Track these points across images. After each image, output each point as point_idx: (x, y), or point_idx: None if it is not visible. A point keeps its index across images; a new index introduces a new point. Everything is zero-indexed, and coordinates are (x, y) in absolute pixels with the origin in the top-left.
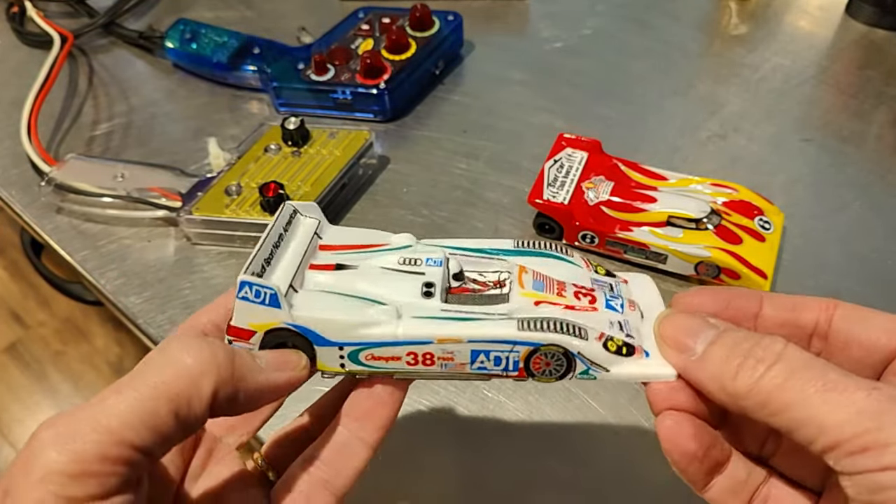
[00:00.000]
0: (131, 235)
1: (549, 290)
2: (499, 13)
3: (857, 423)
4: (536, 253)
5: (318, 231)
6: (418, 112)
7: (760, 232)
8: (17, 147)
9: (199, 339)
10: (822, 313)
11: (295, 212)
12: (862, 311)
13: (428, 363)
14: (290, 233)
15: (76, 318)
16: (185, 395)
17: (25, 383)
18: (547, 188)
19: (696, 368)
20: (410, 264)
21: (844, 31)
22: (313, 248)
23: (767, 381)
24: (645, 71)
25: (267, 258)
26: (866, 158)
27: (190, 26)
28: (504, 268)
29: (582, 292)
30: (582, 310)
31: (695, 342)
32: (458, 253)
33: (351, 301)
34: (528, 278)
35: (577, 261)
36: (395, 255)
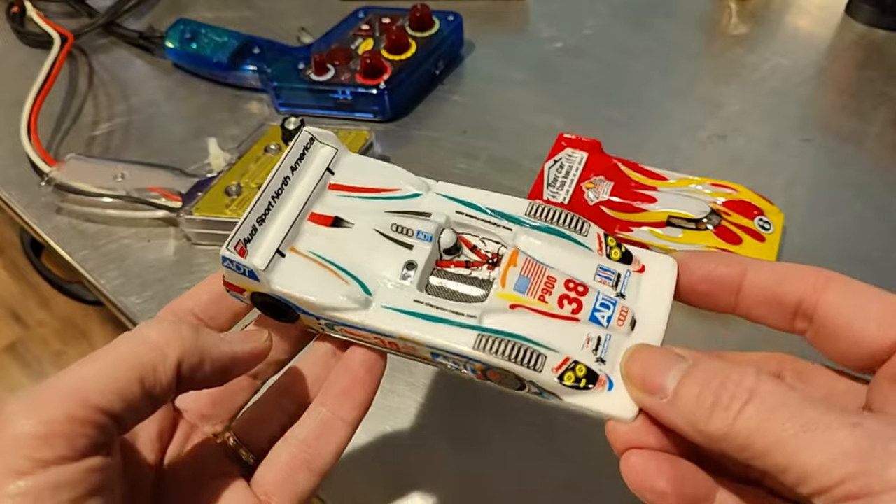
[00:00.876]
0: (131, 235)
1: (532, 293)
2: (499, 13)
3: (841, 466)
4: (545, 228)
5: (331, 165)
6: (418, 112)
7: (760, 232)
8: (17, 147)
9: (164, 319)
10: (809, 290)
11: (312, 140)
12: (855, 292)
13: (394, 347)
14: (300, 170)
15: (76, 318)
16: (150, 364)
17: (25, 383)
18: (547, 188)
19: (667, 411)
20: (402, 233)
21: (844, 31)
22: (321, 189)
23: (743, 424)
24: (645, 71)
25: (262, 215)
26: (866, 158)
27: (190, 26)
28: (507, 239)
29: (569, 296)
30: (560, 319)
31: (664, 380)
32: (465, 211)
33: (329, 278)
34: (515, 273)
35: (591, 240)
36: (393, 215)
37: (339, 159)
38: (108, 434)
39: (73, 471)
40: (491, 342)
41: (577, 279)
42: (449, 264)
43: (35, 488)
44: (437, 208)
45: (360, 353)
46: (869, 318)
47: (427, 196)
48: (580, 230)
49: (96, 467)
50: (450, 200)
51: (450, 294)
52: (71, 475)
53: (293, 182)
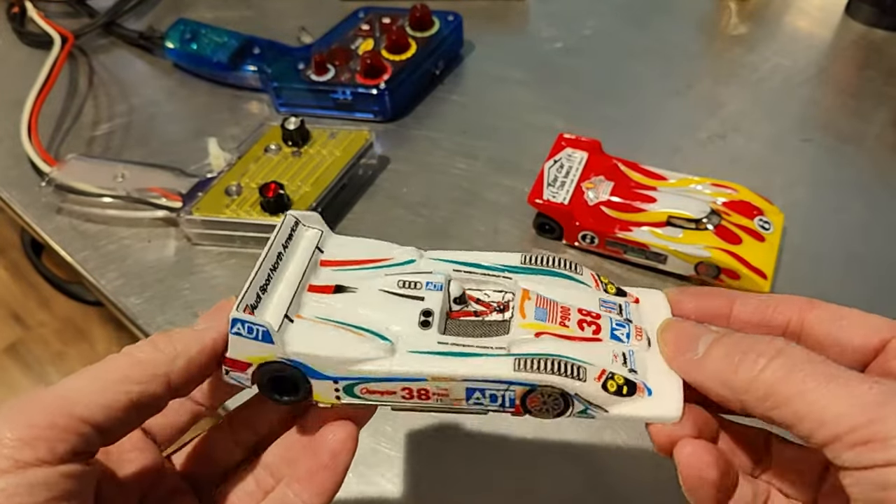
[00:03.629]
0: (131, 236)
1: (552, 319)
2: (499, 13)
3: (858, 414)
4: (543, 271)
5: (319, 244)
6: (418, 112)
7: (760, 232)
8: (17, 147)
9: (152, 341)
10: (795, 314)
11: (297, 223)
12: (837, 311)
13: (424, 398)
14: (290, 249)
15: (76, 318)
16: (136, 378)
17: (26, 383)
18: (547, 188)
19: (697, 368)
20: (410, 287)
21: (844, 32)
22: (314, 265)
23: (769, 375)
24: (645, 71)
25: (263, 285)
26: (866, 158)
27: (190, 26)
28: (509, 287)
29: (587, 320)
30: (585, 340)
31: (696, 344)
32: (463, 269)
33: (346, 335)
34: (531, 305)
35: (586, 278)
36: (395, 276)
37: (325, 239)
38: (90, 443)
39: (51, 473)
40: (531, 362)
41: (588, 308)
42: (459, 314)
43: (12, 486)
44: (435, 268)
45: (331, 432)
46: (853, 329)
47: (421, 261)
48: (575, 270)
49: (74, 473)
50: (445, 262)
51: (471, 330)
52: (48, 477)
53: (286, 258)
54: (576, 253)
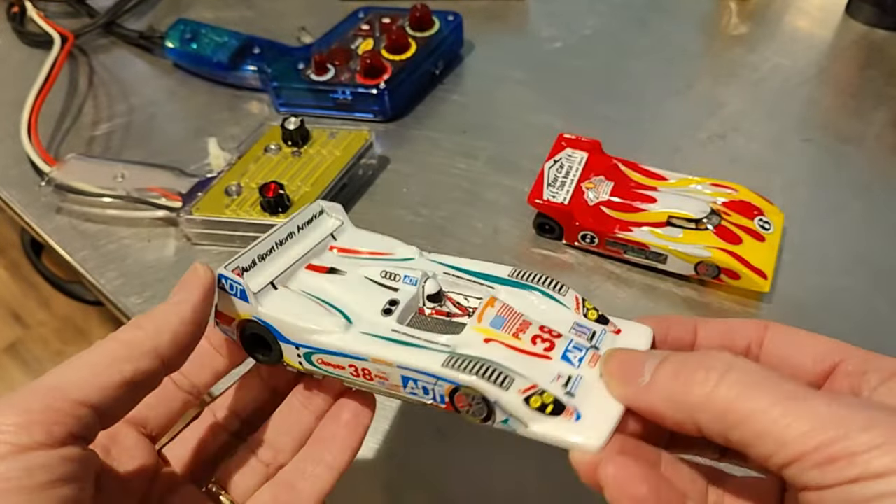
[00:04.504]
0: (131, 235)
1: (507, 329)
2: (499, 13)
3: (821, 432)
4: (526, 286)
5: (335, 232)
6: (418, 112)
7: (760, 232)
8: (17, 147)
9: (137, 319)
10: (754, 336)
11: (321, 211)
12: (791, 333)
13: (367, 377)
14: (305, 231)
15: (76, 317)
16: (126, 357)
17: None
18: (547, 188)
19: (646, 393)
20: (390, 279)
21: (844, 32)
22: (322, 248)
23: (724, 391)
24: (645, 71)
25: (263, 254)
26: (866, 158)
27: (190, 26)
28: (487, 294)
29: (543, 337)
30: (531, 355)
31: (641, 370)
32: (452, 273)
33: (313, 307)
34: (492, 312)
35: (568, 300)
36: (384, 266)
37: (343, 230)
38: (88, 426)
39: (50, 456)
40: (460, 362)
41: (552, 327)
42: (433, 312)
43: (11, 469)
44: (426, 267)
45: (348, 404)
46: (804, 352)
47: (419, 260)
48: (559, 291)
49: (73, 457)
50: (438, 264)
51: (427, 326)
52: (47, 460)
53: (297, 238)
54: (576, 253)
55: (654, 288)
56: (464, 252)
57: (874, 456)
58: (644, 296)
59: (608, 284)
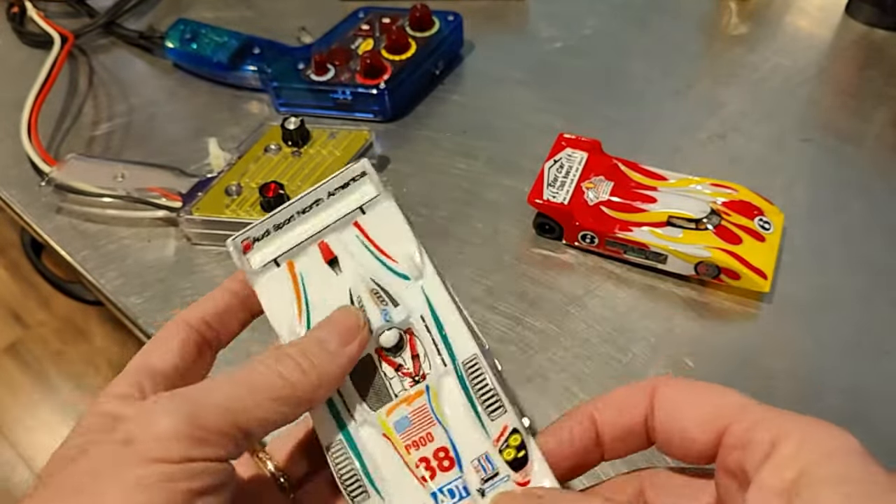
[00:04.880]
0: (131, 235)
1: (406, 437)
2: (499, 13)
3: None
4: (466, 388)
5: (366, 205)
6: (418, 112)
7: (760, 232)
8: (17, 147)
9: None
10: (645, 406)
11: (363, 174)
12: (679, 394)
13: None
14: (336, 197)
15: (76, 317)
16: (288, 401)
17: (26, 383)
18: (547, 188)
19: None
20: (372, 301)
21: (844, 31)
22: (345, 223)
23: None
24: (645, 71)
25: (280, 223)
26: (866, 158)
27: (190, 26)
28: (434, 373)
29: (431, 463)
30: (412, 475)
31: None
32: (427, 321)
33: (293, 304)
34: (405, 410)
35: (493, 428)
36: (377, 280)
37: (378, 203)
38: (240, 450)
39: (212, 468)
40: (342, 456)
41: (455, 452)
42: (386, 358)
43: (178, 472)
44: (409, 303)
45: None
46: (690, 421)
47: (413, 285)
48: (490, 412)
49: (222, 470)
50: (425, 301)
51: (364, 381)
52: (209, 470)
53: (322, 206)
54: (576, 253)
55: (654, 288)
56: (464, 252)
57: None
58: (644, 296)
59: (608, 284)
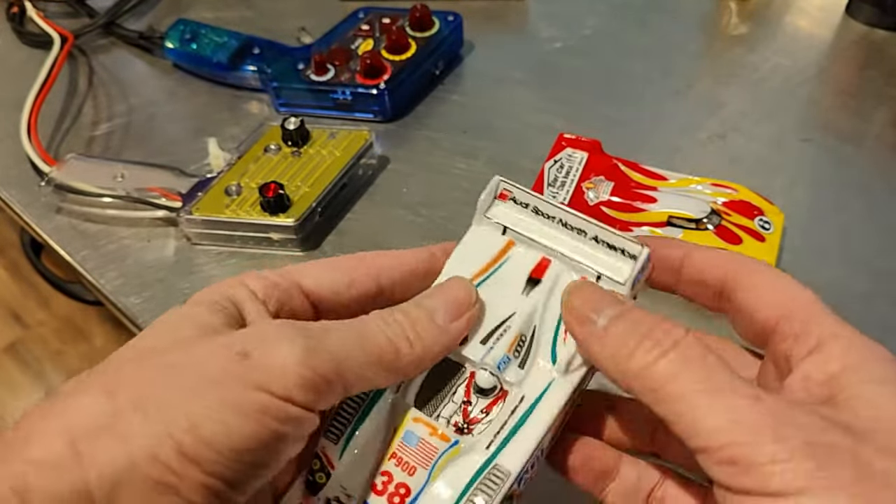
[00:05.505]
0: (131, 235)
1: (399, 449)
2: (499, 13)
3: (732, 432)
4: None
5: (605, 278)
6: (418, 112)
7: (760, 232)
8: (17, 147)
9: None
10: (731, 274)
11: (634, 257)
12: (755, 274)
13: None
14: (598, 245)
15: (76, 317)
16: (384, 366)
17: (25, 383)
18: (547, 188)
19: (595, 342)
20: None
21: (844, 32)
22: (576, 267)
23: (660, 368)
24: (645, 71)
25: (542, 211)
26: (866, 158)
27: (190, 26)
28: (476, 447)
29: (389, 486)
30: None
31: (598, 316)
32: (528, 418)
33: (469, 268)
34: (423, 432)
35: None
36: (531, 331)
37: (613, 285)
38: (334, 402)
39: (300, 415)
40: (358, 402)
41: (411, 501)
42: (469, 386)
43: (270, 408)
44: (530, 379)
45: None
46: (759, 301)
47: (549, 371)
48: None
49: (310, 420)
50: (539, 392)
51: (437, 380)
52: (298, 416)
53: (581, 239)
54: None
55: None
56: None
57: (774, 471)
58: (644, 295)
59: None
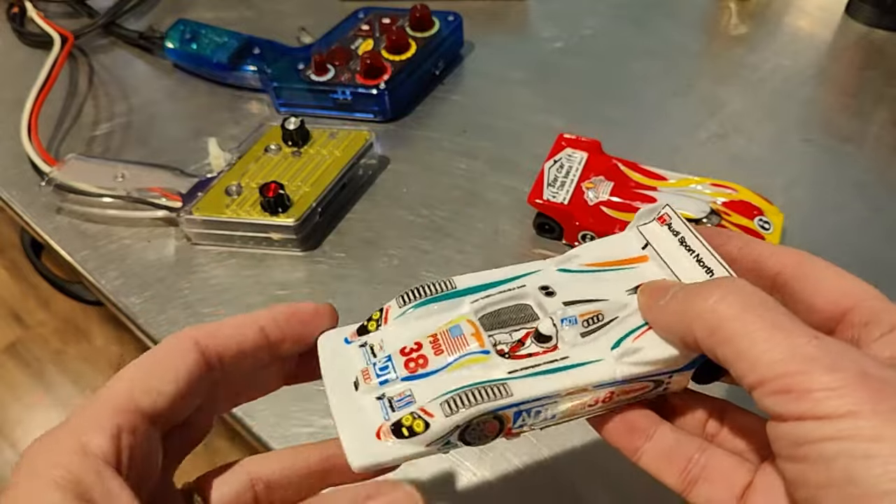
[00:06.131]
0: (131, 235)
1: (444, 338)
2: (499, 13)
3: (787, 363)
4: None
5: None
6: (418, 112)
7: (760, 232)
8: (17, 147)
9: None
10: (788, 265)
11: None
12: (819, 269)
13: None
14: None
15: (76, 317)
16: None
17: (25, 383)
18: (547, 188)
19: (662, 311)
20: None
21: (844, 32)
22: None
23: (721, 309)
24: (645, 71)
25: (689, 246)
26: (866, 158)
27: (190, 26)
28: (498, 366)
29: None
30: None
31: (666, 293)
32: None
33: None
34: (468, 330)
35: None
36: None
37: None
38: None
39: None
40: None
41: (422, 374)
42: (529, 328)
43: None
44: (584, 350)
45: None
46: (822, 292)
47: (602, 350)
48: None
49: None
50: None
51: (509, 311)
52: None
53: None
54: None
55: None
56: (464, 252)
57: (826, 396)
58: None
59: None
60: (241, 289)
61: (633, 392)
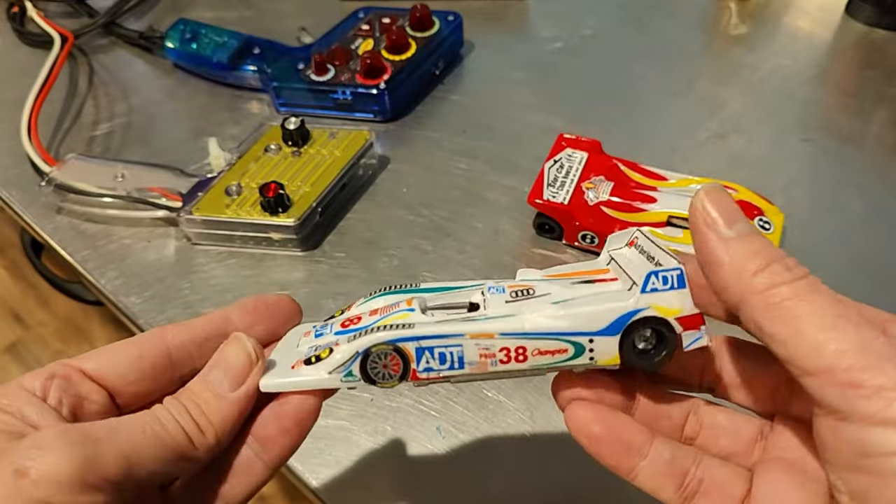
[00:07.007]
0: (131, 235)
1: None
2: (499, 13)
3: (859, 355)
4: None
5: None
6: (418, 112)
7: (760, 232)
8: (17, 147)
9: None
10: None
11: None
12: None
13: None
14: None
15: (76, 318)
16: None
17: None
18: (547, 188)
19: (720, 248)
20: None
21: (844, 32)
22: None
23: (788, 289)
24: (645, 71)
25: None
26: (866, 158)
27: (190, 26)
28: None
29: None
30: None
31: (730, 225)
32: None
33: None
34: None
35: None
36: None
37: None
38: (127, 499)
39: None
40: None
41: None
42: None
43: None
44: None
45: (294, 402)
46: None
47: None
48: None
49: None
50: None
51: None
52: None
53: None
54: (576, 253)
55: None
56: (464, 252)
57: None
58: None
59: None
60: (241, 289)
61: (550, 353)
